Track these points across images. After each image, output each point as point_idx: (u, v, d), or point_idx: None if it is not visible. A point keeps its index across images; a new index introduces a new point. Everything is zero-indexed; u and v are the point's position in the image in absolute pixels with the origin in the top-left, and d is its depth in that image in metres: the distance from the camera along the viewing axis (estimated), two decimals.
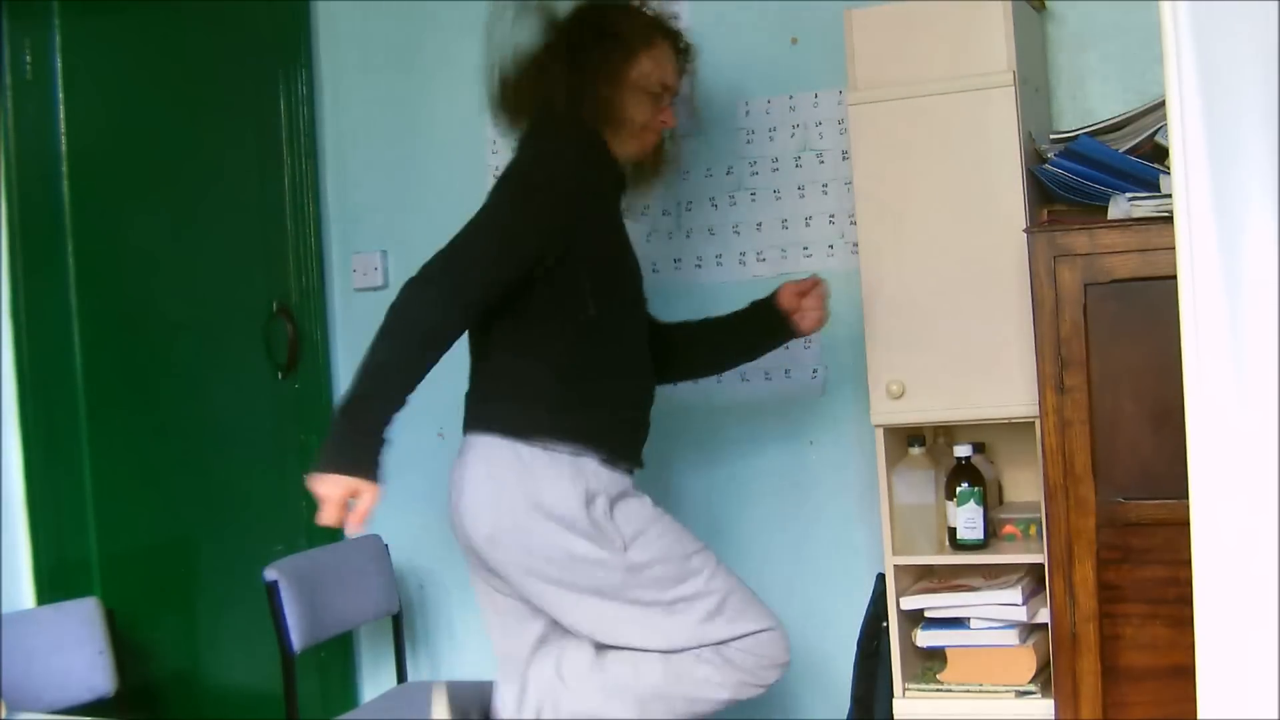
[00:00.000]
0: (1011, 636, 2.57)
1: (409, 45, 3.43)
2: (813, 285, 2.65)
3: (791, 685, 3.09)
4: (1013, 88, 2.52)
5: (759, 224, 3.10)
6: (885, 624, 2.68)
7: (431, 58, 3.41)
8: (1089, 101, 2.81)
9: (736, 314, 2.73)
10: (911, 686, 2.65)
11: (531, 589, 2.38)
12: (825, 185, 3.04)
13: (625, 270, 2.54)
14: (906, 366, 2.61)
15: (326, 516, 2.14)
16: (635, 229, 2.74)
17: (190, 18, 3.29)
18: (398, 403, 2.23)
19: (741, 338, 2.74)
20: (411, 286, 2.26)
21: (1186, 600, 1.67)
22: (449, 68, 3.39)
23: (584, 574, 2.34)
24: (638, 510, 2.42)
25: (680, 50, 2.60)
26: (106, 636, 2.76)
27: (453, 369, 3.40)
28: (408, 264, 3.44)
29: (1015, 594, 2.55)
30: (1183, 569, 1.70)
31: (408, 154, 3.44)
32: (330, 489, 2.14)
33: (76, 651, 2.72)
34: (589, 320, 2.40)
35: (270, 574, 2.90)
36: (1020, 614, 2.55)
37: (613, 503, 2.39)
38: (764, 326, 2.69)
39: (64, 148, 3.03)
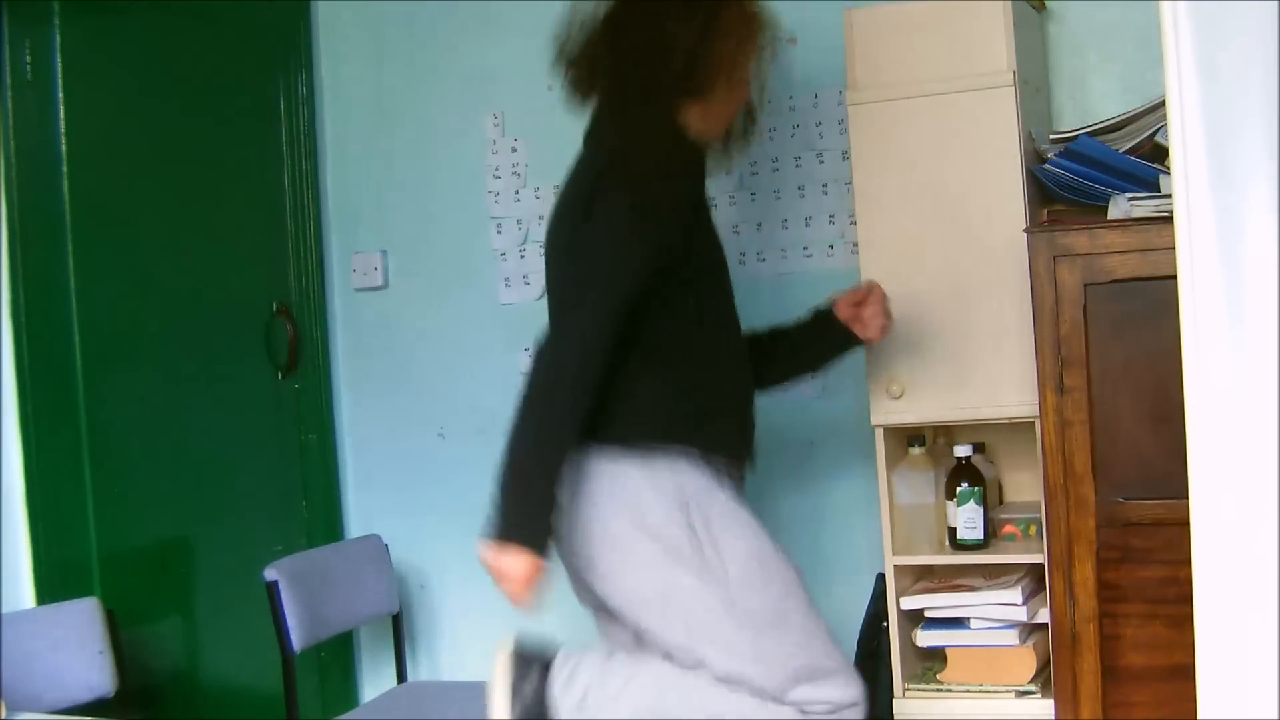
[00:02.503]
0: (1011, 636, 2.57)
1: (409, 45, 3.43)
2: (868, 292, 2.45)
3: None
4: (1013, 88, 2.52)
5: (759, 224, 3.10)
6: (885, 624, 2.68)
7: (431, 58, 3.41)
8: (1089, 101, 2.82)
9: (801, 326, 2.52)
10: (911, 686, 2.65)
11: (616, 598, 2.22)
12: (825, 185, 3.04)
13: (717, 257, 2.33)
14: (906, 366, 2.61)
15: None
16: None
17: (190, 17, 3.28)
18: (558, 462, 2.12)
19: (809, 351, 2.53)
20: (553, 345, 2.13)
21: (1186, 600, 1.67)
22: (449, 67, 3.39)
23: (675, 591, 2.16)
24: (740, 522, 2.23)
25: None
26: (106, 636, 2.75)
27: (453, 369, 3.42)
28: (408, 264, 3.48)
29: (1015, 594, 2.55)
30: (1183, 569, 1.70)
31: (408, 154, 3.44)
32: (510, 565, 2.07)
33: (76, 651, 2.72)
34: (687, 313, 2.22)
35: (270, 574, 2.90)
36: (1020, 614, 2.55)
37: (712, 510, 2.19)
38: (828, 340, 2.49)
39: (64, 148, 3.02)
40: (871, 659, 2.77)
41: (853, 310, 2.46)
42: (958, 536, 2.62)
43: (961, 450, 2.63)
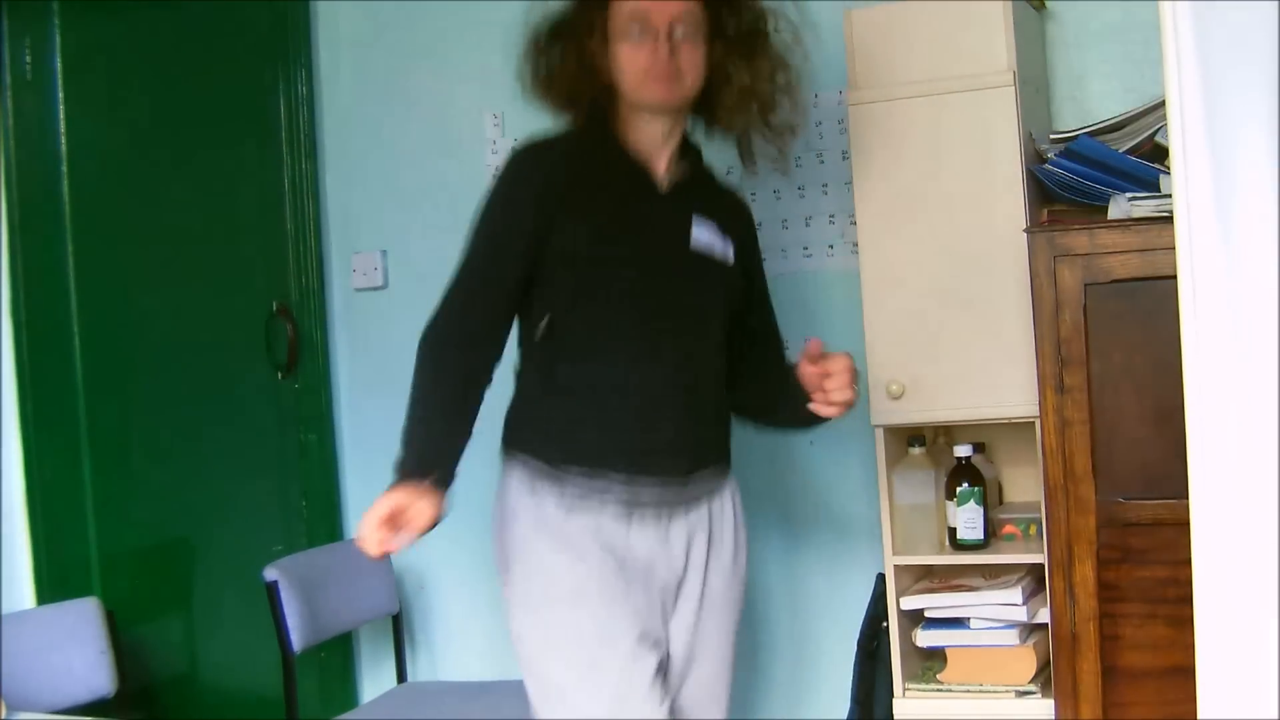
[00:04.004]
0: (1011, 636, 2.57)
1: (409, 45, 3.43)
2: (838, 365, 2.12)
3: (792, 685, 3.09)
4: (1013, 88, 2.52)
5: (759, 224, 3.09)
6: (885, 624, 2.68)
7: (431, 58, 3.41)
8: (1089, 101, 2.81)
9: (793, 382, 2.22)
10: (911, 686, 2.65)
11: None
12: (825, 185, 3.04)
13: (629, 260, 2.15)
14: (906, 366, 2.61)
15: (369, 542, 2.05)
16: None
17: (190, 17, 3.29)
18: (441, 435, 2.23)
19: (787, 409, 2.27)
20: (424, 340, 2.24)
21: (1186, 600, 1.67)
22: (449, 68, 3.39)
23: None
24: (531, 561, 2.18)
25: None
26: (106, 636, 2.76)
27: None
28: (408, 264, 3.48)
29: (1015, 594, 2.55)
30: (1183, 569, 1.70)
31: (408, 154, 3.44)
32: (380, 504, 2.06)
33: (76, 651, 2.72)
34: (561, 321, 2.14)
35: (270, 574, 2.90)
36: (1020, 614, 2.55)
37: (523, 530, 2.19)
38: (796, 409, 2.21)
39: (64, 148, 3.03)
40: (871, 659, 2.77)
41: (818, 380, 2.15)
42: (958, 536, 2.62)
43: (961, 450, 2.63)
